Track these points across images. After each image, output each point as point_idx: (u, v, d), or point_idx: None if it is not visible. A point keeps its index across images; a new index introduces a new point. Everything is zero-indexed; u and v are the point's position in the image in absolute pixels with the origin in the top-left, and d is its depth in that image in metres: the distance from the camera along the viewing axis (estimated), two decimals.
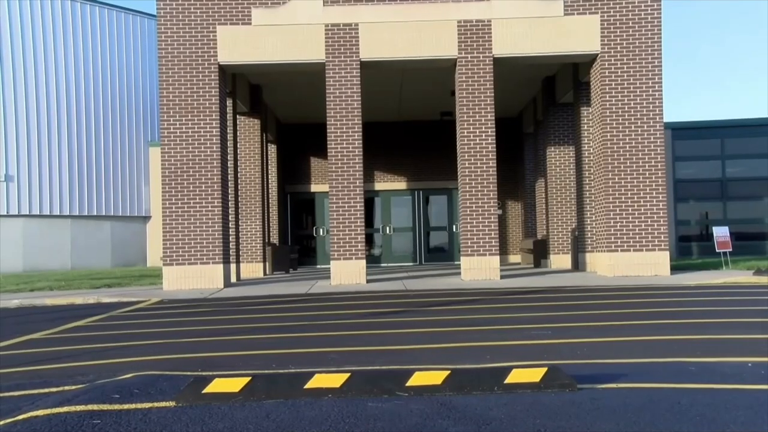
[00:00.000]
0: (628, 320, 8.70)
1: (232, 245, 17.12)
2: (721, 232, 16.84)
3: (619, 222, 15.17)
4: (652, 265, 15.06)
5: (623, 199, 15.19)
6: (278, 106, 22.41)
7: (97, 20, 28.43)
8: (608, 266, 15.25)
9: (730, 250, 16.77)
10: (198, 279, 15.06)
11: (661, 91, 15.16)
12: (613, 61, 15.23)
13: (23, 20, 26.69)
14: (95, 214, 28.11)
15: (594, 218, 16.56)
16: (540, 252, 20.73)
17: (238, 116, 18.96)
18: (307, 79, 18.21)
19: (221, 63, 15.27)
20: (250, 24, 15.21)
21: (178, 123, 15.15)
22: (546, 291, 12.86)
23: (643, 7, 15.22)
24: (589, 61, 15.93)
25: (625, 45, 15.22)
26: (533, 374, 5.02)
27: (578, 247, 17.98)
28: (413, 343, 7.37)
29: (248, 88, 19.39)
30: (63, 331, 9.26)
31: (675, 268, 15.96)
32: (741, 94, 66.58)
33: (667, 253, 15.23)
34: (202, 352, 7.22)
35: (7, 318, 11.24)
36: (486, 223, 15.27)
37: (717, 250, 16.81)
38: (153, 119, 30.02)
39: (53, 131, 27.07)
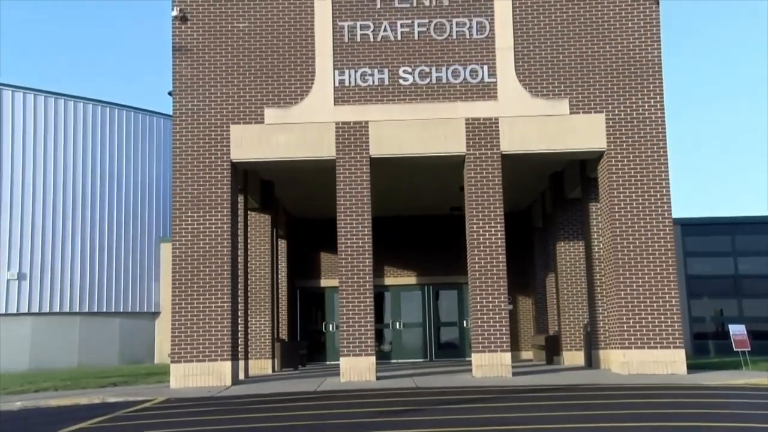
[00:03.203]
0: (646, 421, 8.43)
1: (240, 341, 16.93)
2: (738, 330, 16.43)
3: (631, 318, 14.95)
4: (667, 363, 14.72)
5: (635, 295, 15.02)
6: (289, 201, 22.66)
7: (116, 120, 29.15)
8: (622, 363, 14.92)
9: (749, 349, 16.32)
10: (206, 376, 14.82)
11: (669, 186, 15.26)
12: (619, 158, 15.41)
13: (47, 120, 27.39)
14: (104, 310, 27.96)
15: (606, 314, 16.34)
16: (552, 348, 20.36)
17: (249, 212, 19.14)
18: (317, 175, 18.47)
19: (234, 160, 15.54)
20: (262, 123, 15.57)
21: (189, 219, 15.29)
22: (559, 389, 12.55)
23: (646, 107, 15.51)
24: (596, 157, 16.13)
25: (630, 143, 15.43)
26: None
27: (591, 344, 17.65)
28: None
29: (259, 184, 19.65)
30: None
31: (692, 367, 15.56)
32: (751, 190, 66.92)
33: (683, 350, 14.92)
34: None
35: (9, 421, 11.01)
36: (497, 319, 15.09)
37: (735, 349, 16.36)
38: (165, 215, 30.25)
39: (68, 229, 27.30)
